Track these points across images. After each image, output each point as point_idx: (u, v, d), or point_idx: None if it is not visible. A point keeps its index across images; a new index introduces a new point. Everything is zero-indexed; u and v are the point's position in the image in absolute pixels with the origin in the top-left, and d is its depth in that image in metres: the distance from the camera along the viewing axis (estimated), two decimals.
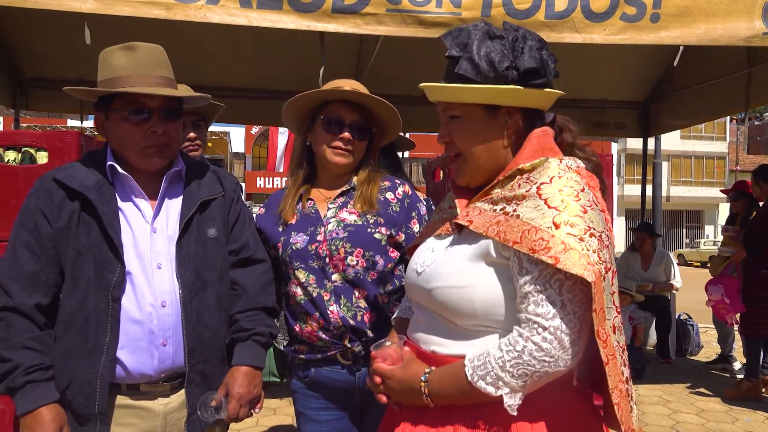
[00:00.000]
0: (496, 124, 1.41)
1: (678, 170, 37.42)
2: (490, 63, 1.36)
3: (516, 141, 1.42)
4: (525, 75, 1.36)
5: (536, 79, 1.37)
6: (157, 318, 1.72)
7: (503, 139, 1.42)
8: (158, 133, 1.74)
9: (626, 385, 1.29)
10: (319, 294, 1.93)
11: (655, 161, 10.70)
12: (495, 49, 1.37)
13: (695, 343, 7.00)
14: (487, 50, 1.37)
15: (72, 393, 1.66)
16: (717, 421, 4.72)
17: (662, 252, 7.00)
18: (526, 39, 1.39)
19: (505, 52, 1.37)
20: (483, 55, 1.36)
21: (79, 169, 1.76)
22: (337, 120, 1.98)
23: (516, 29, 1.41)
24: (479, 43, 1.37)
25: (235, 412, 1.74)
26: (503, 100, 1.39)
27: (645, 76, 6.59)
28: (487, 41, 1.38)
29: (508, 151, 1.43)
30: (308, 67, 4.20)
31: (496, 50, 1.36)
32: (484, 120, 1.42)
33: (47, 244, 1.69)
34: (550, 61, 1.40)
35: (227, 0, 3.22)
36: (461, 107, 1.43)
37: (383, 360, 1.46)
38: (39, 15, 3.61)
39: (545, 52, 1.40)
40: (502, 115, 1.41)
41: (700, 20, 3.53)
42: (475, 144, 1.43)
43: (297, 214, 2.03)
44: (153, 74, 1.75)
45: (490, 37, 1.38)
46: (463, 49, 1.39)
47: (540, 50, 1.38)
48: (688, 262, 26.76)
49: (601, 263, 1.23)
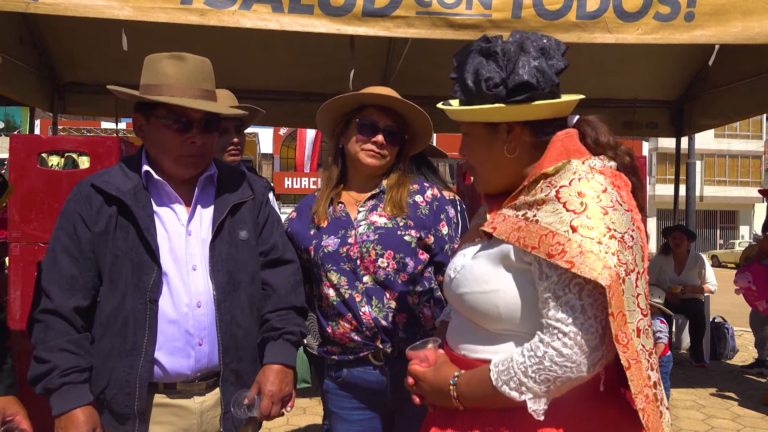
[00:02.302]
0: (497, 139, 1.42)
1: (712, 170, 36.60)
2: (476, 83, 1.37)
3: (530, 151, 1.42)
4: (513, 91, 1.35)
5: (526, 93, 1.34)
6: (193, 318, 1.75)
7: (506, 152, 1.42)
8: (197, 144, 1.78)
9: (653, 390, 1.26)
10: (351, 295, 1.96)
11: (689, 161, 10.48)
12: (487, 67, 1.37)
13: (730, 347, 6.85)
14: (477, 69, 1.37)
15: (111, 393, 1.70)
16: (753, 427, 4.61)
17: (696, 255, 6.87)
18: (522, 52, 1.36)
19: (498, 69, 1.36)
20: (472, 75, 1.38)
21: (115, 174, 1.81)
22: (372, 124, 2.01)
23: (516, 40, 1.38)
24: (470, 62, 1.39)
25: (267, 410, 1.77)
26: (495, 118, 1.40)
27: (678, 75, 6.46)
28: (479, 59, 1.38)
29: (518, 161, 1.43)
30: (338, 70, 4.22)
31: (488, 68, 1.36)
32: (486, 136, 1.44)
33: (86, 248, 1.74)
34: (551, 70, 1.36)
35: (259, 5, 3.26)
36: (467, 125, 1.47)
37: (419, 362, 1.49)
38: (77, 22, 3.70)
39: (543, 62, 1.36)
40: (502, 129, 1.41)
41: (736, 18, 3.45)
42: (480, 158, 1.47)
43: (328, 217, 2.05)
44: (198, 87, 1.79)
45: (484, 55, 1.38)
46: (459, 70, 1.41)
47: (537, 60, 1.35)
48: (722, 263, 26.17)
49: (620, 266, 1.21)
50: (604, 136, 1.43)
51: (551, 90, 1.37)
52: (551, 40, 1.40)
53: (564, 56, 1.40)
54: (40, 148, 3.13)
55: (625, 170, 1.39)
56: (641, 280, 1.27)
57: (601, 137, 1.43)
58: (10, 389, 1.74)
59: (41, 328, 1.68)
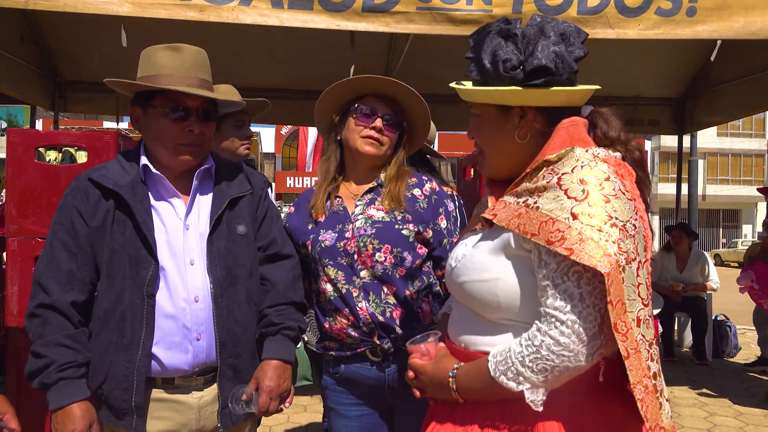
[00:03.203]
0: (509, 123, 1.41)
1: (714, 168, 36.54)
2: (494, 64, 1.35)
3: (539, 138, 1.40)
4: (531, 74, 1.33)
5: (544, 77, 1.33)
6: (191, 313, 1.75)
7: (517, 137, 1.40)
8: (195, 132, 1.78)
9: (653, 381, 1.25)
10: (348, 290, 1.95)
11: (691, 159, 10.46)
12: (505, 48, 1.35)
13: (733, 345, 6.84)
14: (495, 50, 1.35)
15: (109, 387, 1.70)
16: (755, 425, 4.60)
17: (698, 252, 6.86)
18: (542, 35, 1.34)
19: (516, 52, 1.34)
20: (489, 56, 1.36)
21: (113, 168, 1.80)
22: (371, 109, 2.01)
23: (537, 23, 1.37)
24: (489, 42, 1.37)
25: (265, 406, 1.76)
26: (509, 101, 1.38)
27: (680, 72, 6.45)
28: (498, 40, 1.36)
29: (527, 147, 1.40)
30: (339, 67, 4.21)
31: (507, 50, 1.35)
32: (497, 119, 1.42)
33: (83, 243, 1.73)
34: (569, 56, 1.34)
35: (259, 1, 3.26)
36: (479, 106, 1.45)
37: (420, 355, 1.48)
38: (77, 19, 3.71)
39: (563, 47, 1.34)
40: (515, 114, 1.40)
41: (738, 13, 3.44)
42: (490, 141, 1.46)
43: (326, 211, 2.04)
44: (195, 76, 1.78)
45: (503, 36, 1.36)
46: (476, 50, 1.39)
47: (556, 45, 1.33)
48: (725, 262, 26.13)
49: (621, 254, 1.19)
50: (614, 131, 1.41)
51: (569, 77, 1.35)
52: (571, 26, 1.38)
53: (583, 44, 1.37)
54: (38, 143, 3.12)
55: (632, 164, 1.37)
56: (643, 270, 1.25)
57: (610, 131, 1.41)
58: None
59: (39, 323, 1.68)
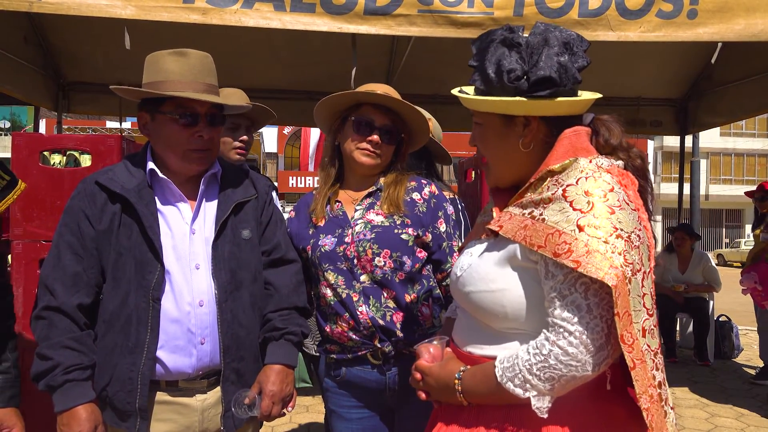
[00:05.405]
0: (512, 131, 1.41)
1: (717, 168, 36.46)
2: (498, 74, 1.35)
3: (543, 146, 1.41)
4: (536, 85, 1.34)
5: (549, 88, 1.33)
6: (195, 317, 1.76)
7: (521, 146, 1.41)
8: (204, 137, 1.79)
9: (658, 390, 1.27)
10: (348, 295, 1.95)
11: (693, 159, 10.46)
12: (509, 58, 1.35)
13: (734, 346, 6.83)
14: (499, 60, 1.36)
15: (113, 390, 1.71)
16: (757, 426, 4.60)
17: (700, 253, 6.85)
18: (546, 45, 1.35)
19: (520, 62, 1.35)
20: (493, 66, 1.36)
21: (120, 172, 1.81)
22: (367, 122, 2.00)
23: (541, 32, 1.37)
24: (493, 51, 1.37)
25: (267, 410, 1.77)
26: (513, 110, 1.38)
27: (682, 73, 6.44)
28: (502, 49, 1.37)
29: (531, 156, 1.41)
30: (341, 68, 4.23)
31: (511, 59, 1.35)
32: (501, 127, 1.42)
33: (90, 246, 1.74)
34: (574, 66, 1.35)
35: (262, 4, 3.27)
36: (481, 115, 1.45)
37: (427, 357, 1.50)
38: (81, 21, 3.72)
39: (567, 57, 1.35)
40: (519, 122, 1.40)
41: (739, 15, 3.44)
42: (493, 150, 1.46)
43: (326, 216, 2.05)
44: (202, 81, 1.79)
45: (507, 45, 1.37)
46: (479, 58, 1.39)
47: (560, 56, 1.34)
48: (728, 262, 26.07)
49: (627, 265, 1.21)
50: (615, 138, 1.42)
51: (572, 87, 1.36)
52: (574, 35, 1.38)
53: (585, 53, 1.38)
54: (42, 146, 3.14)
55: (634, 172, 1.38)
56: (647, 280, 1.27)
57: (612, 139, 1.42)
58: (11, 401, 1.75)
59: (44, 325, 1.69)
